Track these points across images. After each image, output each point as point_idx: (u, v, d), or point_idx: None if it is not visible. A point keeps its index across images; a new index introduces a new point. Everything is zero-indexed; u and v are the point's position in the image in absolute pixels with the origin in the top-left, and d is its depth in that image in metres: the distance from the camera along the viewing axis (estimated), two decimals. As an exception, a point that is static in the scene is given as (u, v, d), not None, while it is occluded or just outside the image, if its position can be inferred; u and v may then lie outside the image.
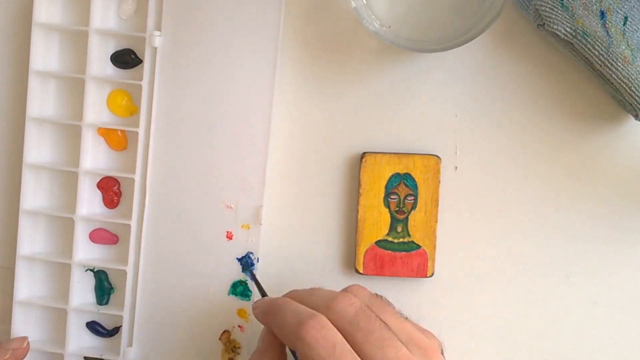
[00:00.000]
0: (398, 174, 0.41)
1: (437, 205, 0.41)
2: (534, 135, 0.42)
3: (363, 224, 0.41)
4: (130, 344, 0.42)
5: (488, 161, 0.42)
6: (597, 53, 0.37)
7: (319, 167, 0.43)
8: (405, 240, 0.41)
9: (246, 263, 0.41)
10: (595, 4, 0.38)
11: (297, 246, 0.43)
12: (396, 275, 0.41)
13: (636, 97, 0.38)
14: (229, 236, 0.42)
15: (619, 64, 0.37)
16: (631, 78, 0.37)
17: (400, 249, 0.41)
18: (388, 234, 0.41)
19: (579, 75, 0.41)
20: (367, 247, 0.41)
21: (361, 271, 0.41)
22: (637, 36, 0.38)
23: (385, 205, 0.41)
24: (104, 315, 0.43)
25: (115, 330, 0.44)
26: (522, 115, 0.42)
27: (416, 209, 0.41)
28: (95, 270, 0.43)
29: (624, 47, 0.38)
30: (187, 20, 0.41)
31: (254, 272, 0.41)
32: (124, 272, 0.42)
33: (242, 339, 0.42)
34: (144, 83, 0.41)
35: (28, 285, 0.43)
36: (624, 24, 0.38)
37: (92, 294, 0.43)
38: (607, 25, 0.38)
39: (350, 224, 0.42)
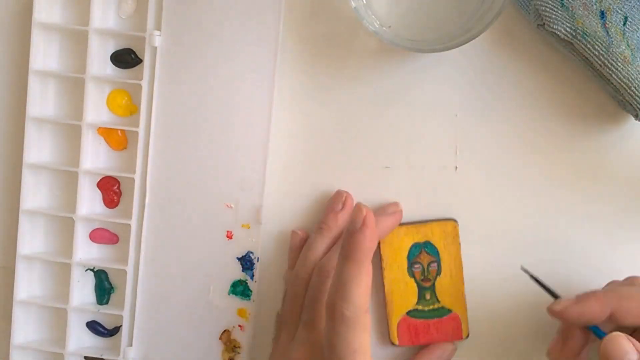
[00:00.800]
0: (418, 244, 0.41)
1: (461, 268, 0.41)
2: (534, 135, 0.42)
3: (391, 296, 0.41)
4: (130, 344, 0.42)
5: (488, 161, 0.42)
6: (597, 53, 0.37)
7: (319, 167, 0.43)
8: (436, 306, 0.41)
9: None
10: (595, 4, 0.38)
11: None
12: (432, 342, 0.41)
13: (636, 97, 0.38)
14: (229, 236, 0.42)
15: (619, 64, 0.37)
16: (631, 78, 0.37)
17: (433, 316, 0.41)
18: (418, 303, 0.41)
19: (579, 75, 0.41)
20: (399, 318, 0.41)
21: (397, 343, 0.41)
22: (637, 36, 0.38)
23: (410, 275, 0.41)
24: (104, 315, 0.43)
25: (116, 330, 0.44)
26: (522, 115, 0.42)
27: (441, 275, 0.41)
28: (95, 270, 0.43)
29: (624, 47, 0.38)
30: (187, 20, 0.41)
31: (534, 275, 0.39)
32: (124, 272, 0.42)
33: (242, 338, 0.42)
34: (144, 83, 0.41)
35: (28, 285, 0.43)
36: (624, 24, 0.38)
37: (92, 294, 0.43)
38: (607, 25, 0.38)
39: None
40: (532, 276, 0.39)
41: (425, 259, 0.41)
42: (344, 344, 0.33)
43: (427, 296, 0.41)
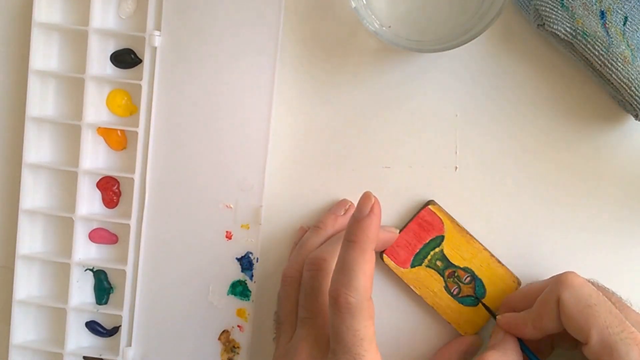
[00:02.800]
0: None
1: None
2: (534, 135, 0.42)
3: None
4: (129, 344, 0.42)
5: (488, 161, 0.42)
6: (597, 53, 0.37)
7: (319, 167, 0.43)
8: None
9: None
10: (595, 4, 0.38)
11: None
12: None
13: (636, 97, 0.38)
14: (229, 236, 0.42)
15: (619, 64, 0.37)
16: (631, 78, 0.37)
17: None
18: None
19: (579, 75, 0.41)
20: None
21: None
22: (637, 36, 0.38)
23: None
24: (103, 315, 0.43)
25: (115, 330, 0.44)
26: (522, 115, 0.42)
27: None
28: (94, 270, 0.43)
29: (624, 47, 0.38)
30: (186, 20, 0.41)
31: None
32: (124, 272, 0.42)
33: (241, 338, 0.42)
34: (144, 83, 0.41)
35: (27, 284, 0.43)
36: (624, 24, 0.38)
37: (91, 294, 0.43)
38: (607, 25, 0.38)
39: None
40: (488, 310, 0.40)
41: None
42: (351, 332, 0.33)
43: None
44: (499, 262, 0.41)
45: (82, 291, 0.43)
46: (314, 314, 0.36)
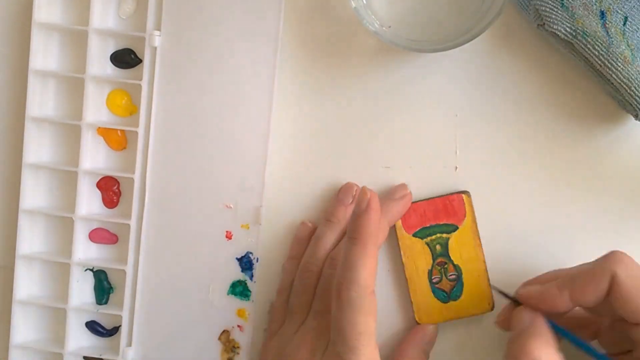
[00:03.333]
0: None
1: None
2: (534, 135, 0.42)
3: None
4: (129, 344, 0.42)
5: (488, 161, 0.42)
6: (597, 53, 0.37)
7: (319, 167, 0.43)
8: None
9: None
10: (595, 4, 0.38)
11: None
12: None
13: (636, 97, 0.38)
14: (229, 236, 0.42)
15: (619, 64, 0.37)
16: (631, 78, 0.37)
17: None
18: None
19: (579, 75, 0.41)
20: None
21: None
22: (637, 36, 0.38)
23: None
24: (103, 315, 0.43)
25: (115, 330, 0.44)
26: (522, 115, 0.42)
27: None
28: (94, 270, 0.43)
29: (624, 47, 0.38)
30: (186, 20, 0.41)
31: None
32: (124, 272, 0.42)
33: (241, 338, 0.42)
34: (144, 83, 0.41)
35: (27, 284, 0.43)
36: (624, 24, 0.38)
37: (91, 294, 0.43)
38: (607, 25, 0.38)
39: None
40: (501, 292, 0.39)
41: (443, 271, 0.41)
42: (350, 325, 0.33)
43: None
44: (488, 281, 0.41)
45: (82, 291, 0.43)
46: (327, 308, 0.36)
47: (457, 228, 0.41)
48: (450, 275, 0.41)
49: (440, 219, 0.41)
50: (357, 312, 0.33)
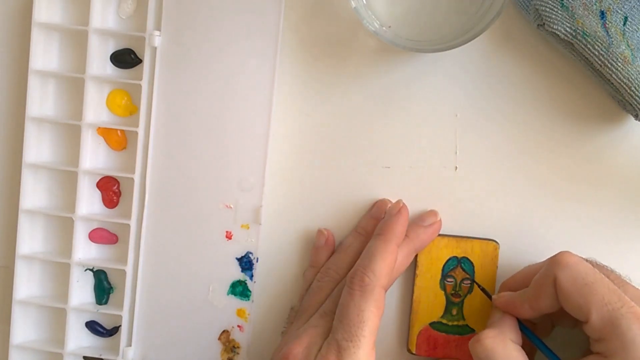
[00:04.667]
0: (456, 258, 0.41)
1: (494, 291, 0.41)
2: (534, 135, 0.42)
3: (418, 305, 0.41)
4: (129, 344, 0.42)
5: (488, 161, 0.42)
6: (597, 53, 0.37)
7: (319, 167, 0.43)
8: (460, 323, 0.41)
9: None
10: (595, 4, 0.38)
11: (298, 246, 0.43)
12: (449, 357, 0.41)
13: (636, 97, 0.38)
14: (229, 236, 0.42)
15: (619, 64, 0.37)
16: (631, 78, 0.37)
17: (455, 332, 0.41)
18: (443, 317, 0.41)
19: (579, 75, 0.41)
20: (421, 328, 0.41)
21: (414, 351, 0.41)
22: (637, 36, 0.38)
23: (441, 287, 0.41)
24: (103, 315, 0.43)
25: (115, 330, 0.44)
26: (522, 115, 0.42)
27: (472, 294, 0.41)
28: (94, 269, 0.43)
29: (624, 47, 0.38)
30: (187, 20, 0.41)
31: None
32: (124, 272, 0.42)
33: (241, 338, 0.42)
34: (144, 83, 0.41)
35: (27, 284, 0.43)
36: (624, 24, 0.38)
37: (91, 294, 0.43)
38: (607, 25, 0.38)
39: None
40: (483, 290, 0.40)
41: (459, 275, 0.41)
42: (355, 311, 0.34)
43: (454, 312, 0.41)
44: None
45: (82, 291, 0.43)
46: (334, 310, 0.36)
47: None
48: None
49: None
50: (365, 300, 0.34)
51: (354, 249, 0.40)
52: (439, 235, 0.41)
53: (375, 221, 0.41)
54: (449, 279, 0.41)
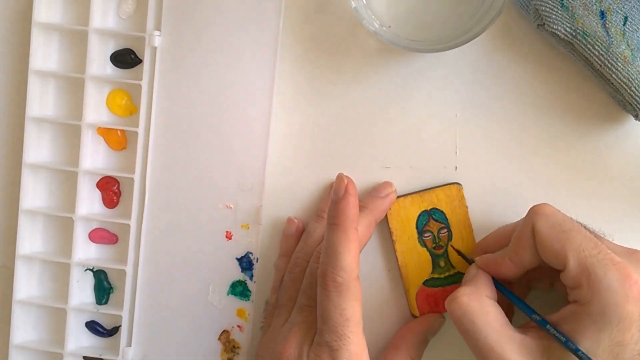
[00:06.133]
0: (425, 211, 0.41)
1: (471, 229, 0.41)
2: (534, 135, 0.42)
3: (406, 269, 0.41)
4: (129, 344, 0.42)
5: (488, 161, 0.42)
6: (597, 53, 0.37)
7: (319, 167, 0.43)
8: (451, 272, 0.41)
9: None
10: (595, 4, 0.38)
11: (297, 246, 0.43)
12: None
13: (636, 97, 0.38)
14: (229, 236, 0.42)
15: (619, 64, 0.37)
16: (631, 78, 0.37)
17: (450, 282, 0.41)
18: (433, 272, 0.41)
19: (579, 75, 0.41)
20: (416, 289, 0.41)
21: (418, 314, 0.41)
22: (637, 36, 0.38)
23: (421, 244, 0.41)
24: (103, 315, 0.43)
25: (115, 330, 0.44)
26: (522, 115, 0.42)
27: (453, 240, 0.41)
28: (94, 270, 0.43)
29: (624, 47, 0.38)
30: (187, 20, 0.41)
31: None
32: (124, 272, 0.42)
33: (241, 338, 0.42)
34: (144, 83, 0.41)
35: (27, 284, 0.43)
36: (624, 24, 0.38)
37: (91, 294, 0.43)
38: (607, 25, 0.38)
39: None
40: (461, 254, 0.40)
41: (434, 227, 0.41)
42: (337, 311, 0.34)
43: (442, 263, 0.41)
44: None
45: (82, 291, 0.43)
46: (313, 302, 0.36)
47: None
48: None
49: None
50: (344, 298, 0.34)
51: (318, 234, 0.40)
52: (400, 196, 0.41)
53: None
54: (426, 234, 0.41)
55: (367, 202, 0.40)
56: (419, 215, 0.41)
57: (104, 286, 0.43)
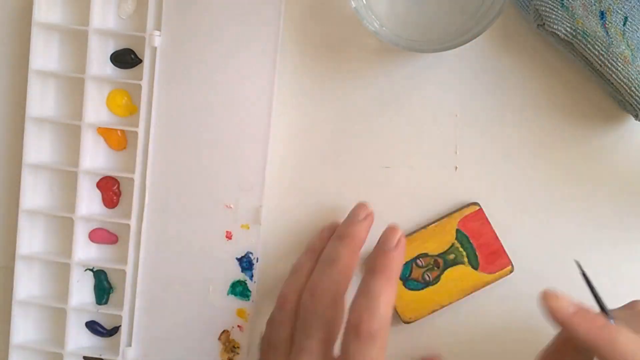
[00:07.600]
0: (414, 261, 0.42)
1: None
2: (534, 135, 0.42)
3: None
4: (129, 344, 0.42)
5: (488, 161, 0.42)
6: (597, 53, 0.37)
7: (319, 167, 0.43)
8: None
9: None
10: (595, 4, 0.38)
11: (298, 246, 0.43)
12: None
13: (636, 97, 0.38)
14: (229, 236, 0.42)
15: (619, 64, 0.37)
16: (631, 78, 0.37)
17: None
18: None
19: (579, 75, 0.41)
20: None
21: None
22: (637, 36, 0.38)
23: (411, 288, 0.42)
24: (103, 315, 0.43)
25: (115, 330, 0.44)
26: (522, 115, 0.42)
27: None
28: (94, 270, 0.43)
29: (624, 47, 0.38)
30: (187, 20, 0.41)
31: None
32: (123, 272, 0.42)
33: (242, 338, 0.42)
34: (144, 83, 0.41)
35: (27, 284, 0.43)
36: (624, 24, 0.38)
37: (91, 294, 0.43)
38: (607, 25, 0.38)
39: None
40: (584, 274, 0.36)
41: (421, 269, 0.41)
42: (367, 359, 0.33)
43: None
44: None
45: (82, 291, 0.43)
46: (315, 343, 0.35)
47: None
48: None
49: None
50: (376, 346, 0.33)
51: (309, 267, 0.38)
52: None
53: (322, 238, 0.40)
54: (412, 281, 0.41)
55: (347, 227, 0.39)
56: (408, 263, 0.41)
57: (104, 286, 0.43)
